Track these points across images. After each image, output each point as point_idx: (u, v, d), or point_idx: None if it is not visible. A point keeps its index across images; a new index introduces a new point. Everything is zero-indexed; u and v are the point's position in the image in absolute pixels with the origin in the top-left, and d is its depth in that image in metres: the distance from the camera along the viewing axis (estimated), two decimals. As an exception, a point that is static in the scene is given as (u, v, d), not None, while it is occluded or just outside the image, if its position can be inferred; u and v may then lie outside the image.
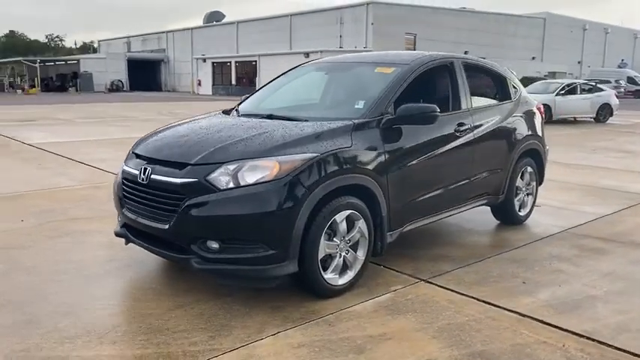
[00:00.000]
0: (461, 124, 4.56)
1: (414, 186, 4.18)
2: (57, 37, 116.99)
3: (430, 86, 4.68)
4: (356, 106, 4.10)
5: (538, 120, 5.73)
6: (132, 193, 3.72)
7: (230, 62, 46.60)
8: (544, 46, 53.17)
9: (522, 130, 5.38)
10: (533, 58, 51.46)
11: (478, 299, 3.71)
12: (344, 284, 3.71)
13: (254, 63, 44.23)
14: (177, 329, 3.21)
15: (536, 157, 5.69)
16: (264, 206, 3.25)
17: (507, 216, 5.52)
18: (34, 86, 51.07)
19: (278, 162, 3.33)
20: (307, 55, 39.46)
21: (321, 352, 2.95)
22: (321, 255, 3.50)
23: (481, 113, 4.91)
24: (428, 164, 4.27)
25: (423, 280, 4.03)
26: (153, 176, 3.50)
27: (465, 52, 32.78)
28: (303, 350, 2.97)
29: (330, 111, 4.33)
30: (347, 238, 3.68)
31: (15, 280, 3.99)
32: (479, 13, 48.82)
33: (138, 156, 3.84)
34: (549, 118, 17.47)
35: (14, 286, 3.87)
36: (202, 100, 37.59)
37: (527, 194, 5.66)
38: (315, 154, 3.44)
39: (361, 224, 3.74)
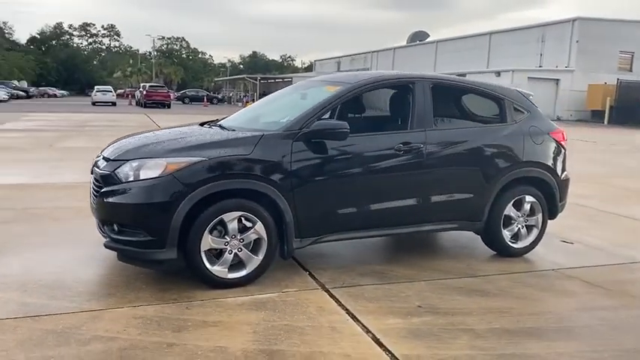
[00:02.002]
0: (406, 143, 4.57)
1: (333, 198, 4.36)
2: (289, 57, 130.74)
3: (374, 104, 4.78)
4: (281, 120, 4.46)
5: (550, 147, 5.28)
6: None
7: (423, 81, 46.90)
8: None
9: (515, 155, 5.05)
10: None
11: (348, 311, 3.80)
12: (235, 279, 4.11)
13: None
14: (78, 289, 3.99)
15: (543, 188, 5.24)
16: (145, 198, 3.87)
17: (495, 246, 5.21)
18: (254, 100, 57.83)
19: (167, 162, 3.92)
20: (498, 74, 38.09)
21: (150, 325, 3.46)
22: (204, 247, 3.97)
23: (444, 133, 4.81)
24: (354, 179, 4.41)
25: (323, 289, 4.21)
26: (94, 168, 4.36)
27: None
28: (137, 321, 3.50)
29: (263, 124, 4.72)
30: (239, 237, 4.08)
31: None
32: None
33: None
34: None
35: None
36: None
37: (528, 226, 5.25)
38: (201, 159, 3.94)
39: (258, 227, 4.11)
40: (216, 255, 4.07)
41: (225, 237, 4.05)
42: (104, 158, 4.34)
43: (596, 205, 7.91)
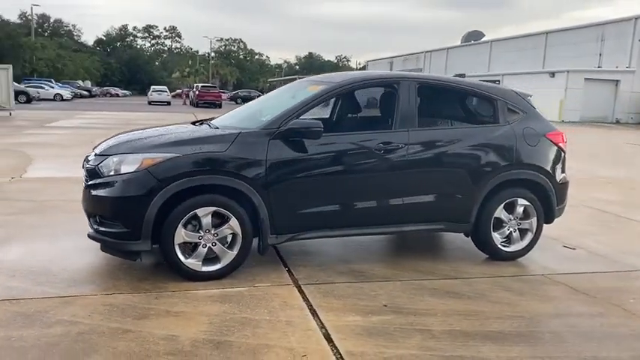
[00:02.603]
0: (387, 143, 4.57)
1: (309, 197, 4.43)
2: (344, 57, 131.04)
3: (356, 104, 4.80)
4: (262, 119, 4.56)
5: (546, 149, 5.13)
6: None
7: (474, 81, 45.93)
8: None
9: (505, 157, 4.94)
10: None
11: (311, 307, 3.86)
12: (209, 272, 4.24)
13: (497, 82, 42.80)
14: (63, 276, 4.23)
15: (538, 191, 5.11)
16: (121, 192, 4.06)
17: (486, 249, 5.12)
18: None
19: (143, 158, 4.10)
20: (552, 75, 36.84)
21: (114, 312, 3.64)
22: (178, 241, 4.12)
23: (428, 134, 4.78)
24: (331, 178, 4.46)
25: (295, 285, 4.28)
26: (84, 163, 4.60)
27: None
28: (104, 308, 3.69)
29: (246, 122, 4.80)
30: (214, 232, 4.21)
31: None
32: None
33: None
34: None
35: (30, 234, 5.39)
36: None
37: (521, 230, 5.12)
38: (176, 155, 4.10)
39: (233, 222, 4.23)
40: (192, 248, 4.22)
41: (200, 231, 4.19)
42: (95, 153, 4.58)
43: (617, 211, 7.59)
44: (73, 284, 4.12)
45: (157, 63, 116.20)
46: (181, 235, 4.14)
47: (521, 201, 5.06)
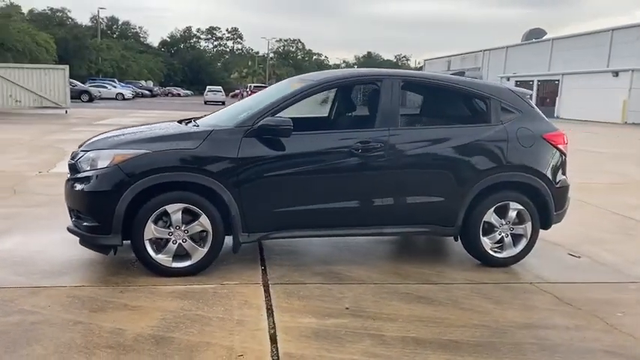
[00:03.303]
0: (365, 142, 4.46)
1: (282, 196, 4.38)
2: (404, 56, 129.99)
3: (339, 102, 4.71)
4: (239, 116, 4.55)
5: (542, 150, 4.86)
6: None
7: (532, 81, 44.41)
8: None
9: (495, 158, 4.72)
10: None
11: (270, 307, 3.82)
12: (179, 268, 4.27)
13: (556, 82, 41.23)
14: (43, 267, 4.38)
15: (533, 194, 4.85)
16: (92, 187, 4.15)
17: (475, 254, 4.91)
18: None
19: (115, 154, 4.18)
20: (616, 74, 35.05)
21: (73, 304, 3.73)
22: (148, 236, 4.18)
23: (410, 134, 4.63)
24: (305, 177, 4.40)
25: (263, 284, 4.25)
26: (70, 158, 4.74)
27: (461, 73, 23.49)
28: (67, 299, 3.80)
29: (226, 121, 4.78)
30: (184, 229, 4.24)
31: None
32: None
33: None
34: None
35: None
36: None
37: (514, 235, 4.88)
38: (146, 151, 4.15)
39: (203, 219, 4.24)
40: (162, 244, 4.27)
41: (170, 227, 4.23)
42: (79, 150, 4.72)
43: (643, 218, 7.11)
44: (48, 275, 4.26)
45: (218, 64, 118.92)
46: (151, 230, 4.19)
47: (514, 205, 4.81)
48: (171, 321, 3.53)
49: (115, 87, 48.70)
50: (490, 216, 4.78)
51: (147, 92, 58.82)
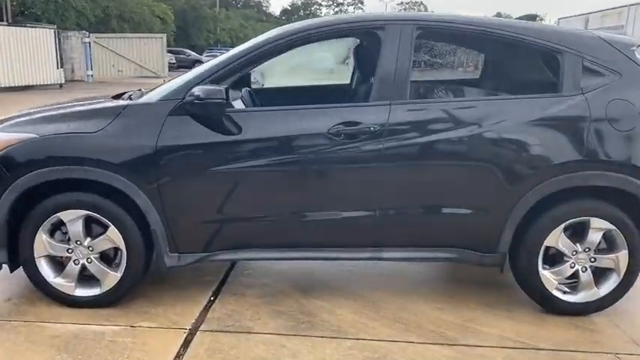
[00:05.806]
0: (351, 124, 2.92)
1: (227, 201, 3.00)
2: (537, 15, 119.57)
3: (317, 65, 3.18)
4: (174, 86, 3.15)
5: (653, 137, 2.99)
6: None
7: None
8: None
9: (567, 149, 2.94)
10: None
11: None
12: (87, 297, 3.10)
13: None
14: None
15: (632, 207, 3.03)
16: (-36, 185, 3.05)
17: (532, 294, 3.20)
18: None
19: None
20: None
21: None
22: (40, 253, 3.03)
23: (425, 110, 2.99)
24: (259, 175, 2.98)
25: (190, 331, 2.93)
26: None
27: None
28: None
29: (167, 92, 3.37)
30: (86, 244, 3.04)
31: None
32: None
33: None
34: None
35: None
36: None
37: (599, 268, 3.11)
38: (33, 135, 2.97)
39: (111, 232, 3.01)
40: (64, 264, 3.11)
41: (70, 242, 3.05)
42: None
43: None
44: None
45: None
46: (43, 245, 3.03)
47: (598, 222, 3.02)
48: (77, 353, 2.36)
49: (228, 55, 49.32)
50: (557, 238, 3.04)
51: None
